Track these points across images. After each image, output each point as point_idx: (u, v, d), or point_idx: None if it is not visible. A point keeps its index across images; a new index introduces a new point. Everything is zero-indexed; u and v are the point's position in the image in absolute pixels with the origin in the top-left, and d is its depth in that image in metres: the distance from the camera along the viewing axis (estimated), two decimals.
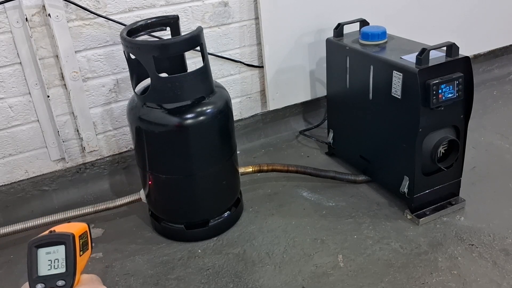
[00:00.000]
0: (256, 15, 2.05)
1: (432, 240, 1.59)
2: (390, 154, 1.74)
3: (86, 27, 1.75)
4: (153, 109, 1.50)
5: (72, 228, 0.53)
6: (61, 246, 0.49)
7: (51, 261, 0.48)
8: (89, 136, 1.89)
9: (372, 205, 1.78)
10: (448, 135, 1.61)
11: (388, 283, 1.43)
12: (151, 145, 1.55)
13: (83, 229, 0.52)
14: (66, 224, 0.54)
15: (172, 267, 1.56)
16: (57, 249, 0.49)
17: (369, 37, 1.77)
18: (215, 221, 1.68)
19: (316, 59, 2.18)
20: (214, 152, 1.60)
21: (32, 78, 1.72)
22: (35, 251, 0.49)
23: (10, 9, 1.61)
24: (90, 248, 0.54)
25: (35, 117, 1.79)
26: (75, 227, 0.53)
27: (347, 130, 1.97)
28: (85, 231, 0.53)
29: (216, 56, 2.04)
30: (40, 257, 0.49)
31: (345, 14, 2.01)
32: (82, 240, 0.51)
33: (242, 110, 2.22)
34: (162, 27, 1.64)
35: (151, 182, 1.62)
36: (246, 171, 1.84)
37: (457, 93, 1.53)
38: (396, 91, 1.59)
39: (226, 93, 1.63)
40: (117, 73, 1.87)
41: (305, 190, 1.90)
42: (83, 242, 0.51)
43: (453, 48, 1.53)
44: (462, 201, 1.73)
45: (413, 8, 2.30)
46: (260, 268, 1.53)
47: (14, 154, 1.81)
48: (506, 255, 1.50)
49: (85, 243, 0.51)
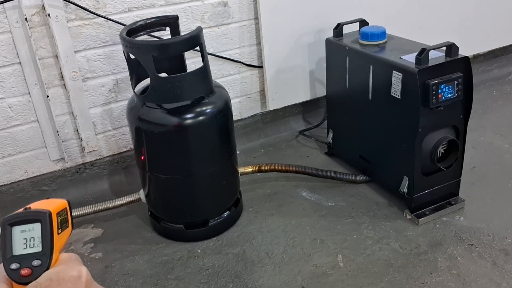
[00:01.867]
0: (256, 15, 2.05)
1: (432, 240, 1.59)
2: (390, 154, 1.74)
3: (86, 27, 1.75)
4: (153, 109, 1.50)
5: (49, 205, 0.49)
6: (37, 224, 0.46)
7: (26, 240, 0.46)
8: (88, 136, 1.89)
9: (371, 205, 1.78)
10: (447, 135, 1.61)
11: (387, 283, 1.43)
12: (150, 145, 1.55)
13: (62, 206, 0.49)
14: (43, 201, 0.51)
15: (172, 267, 1.56)
16: (33, 227, 0.46)
17: (368, 37, 1.77)
18: (215, 221, 1.68)
19: (315, 59, 2.18)
20: (214, 152, 1.60)
21: (32, 78, 1.72)
22: (9, 229, 0.46)
23: (9, 9, 1.61)
24: (71, 226, 0.50)
25: (35, 117, 1.79)
26: (53, 204, 0.50)
27: (347, 130, 1.97)
28: (64, 207, 0.50)
29: (215, 56, 2.04)
30: (14, 235, 0.46)
31: (344, 14, 2.01)
32: (61, 218, 0.48)
33: (242, 110, 2.22)
34: (162, 27, 1.64)
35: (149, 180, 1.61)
36: (246, 171, 1.84)
37: (457, 93, 1.53)
38: (395, 91, 1.59)
39: (226, 93, 1.63)
40: (116, 73, 1.87)
41: (304, 190, 1.90)
42: (62, 220, 0.48)
43: (452, 48, 1.53)
44: (461, 201, 1.73)
45: (412, 8, 2.30)
46: (260, 268, 1.53)
47: (13, 154, 1.81)
48: (505, 255, 1.50)
49: (64, 220, 0.48)
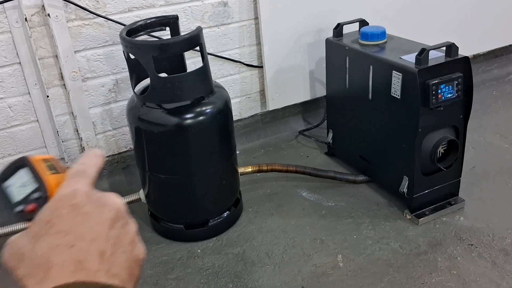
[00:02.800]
0: (256, 15, 2.05)
1: (432, 240, 1.59)
2: (390, 154, 1.74)
3: (86, 27, 1.75)
4: (153, 109, 1.50)
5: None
6: (22, 170, 0.48)
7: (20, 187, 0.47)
8: (88, 136, 1.89)
9: (371, 205, 1.78)
10: (447, 135, 1.61)
11: (387, 283, 1.43)
12: (150, 145, 1.55)
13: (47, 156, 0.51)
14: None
15: (172, 267, 1.56)
16: (20, 174, 0.48)
17: (368, 37, 1.77)
18: (215, 221, 1.68)
19: (315, 59, 2.18)
20: (214, 152, 1.60)
21: (32, 78, 1.72)
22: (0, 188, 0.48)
23: (9, 9, 1.61)
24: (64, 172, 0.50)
25: (35, 117, 1.79)
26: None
27: (347, 130, 1.97)
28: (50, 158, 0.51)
29: (215, 56, 2.04)
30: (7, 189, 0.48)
31: (344, 14, 2.01)
32: (48, 163, 0.49)
33: (242, 110, 2.22)
34: (162, 27, 1.64)
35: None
36: (246, 171, 1.84)
37: (457, 93, 1.53)
38: (395, 91, 1.59)
39: (226, 93, 1.63)
40: (116, 73, 1.87)
41: (304, 190, 1.90)
42: (49, 165, 0.49)
43: (452, 48, 1.53)
44: (461, 201, 1.73)
45: (412, 8, 2.30)
46: (260, 268, 1.53)
47: (13, 154, 1.81)
48: (505, 255, 1.50)
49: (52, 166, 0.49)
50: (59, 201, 0.43)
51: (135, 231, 0.45)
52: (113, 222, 0.43)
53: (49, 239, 0.40)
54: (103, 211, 0.43)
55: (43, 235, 0.41)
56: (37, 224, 0.42)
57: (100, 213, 0.43)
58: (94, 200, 0.44)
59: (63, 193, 0.44)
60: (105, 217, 0.43)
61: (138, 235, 0.45)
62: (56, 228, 0.41)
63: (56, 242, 0.40)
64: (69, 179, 0.47)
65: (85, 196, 0.44)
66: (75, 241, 0.40)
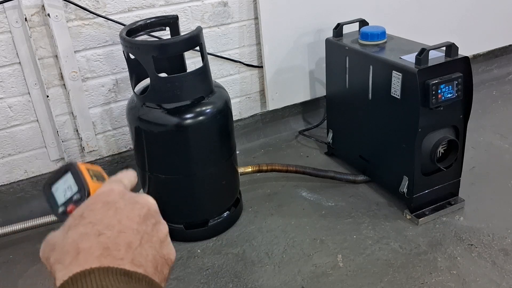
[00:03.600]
0: (256, 15, 2.05)
1: (432, 240, 1.59)
2: (390, 154, 1.74)
3: (86, 27, 1.75)
4: (153, 109, 1.50)
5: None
6: (67, 174, 0.53)
7: (64, 190, 0.52)
8: (88, 136, 1.89)
9: (371, 205, 1.78)
10: (447, 135, 1.61)
11: (387, 283, 1.43)
12: (150, 145, 1.55)
13: (94, 166, 0.56)
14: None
15: (172, 267, 1.56)
16: (66, 178, 0.52)
17: (368, 37, 1.77)
18: (215, 221, 1.68)
19: (315, 59, 2.18)
20: (214, 152, 1.60)
21: (32, 78, 1.72)
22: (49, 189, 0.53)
23: (9, 9, 1.61)
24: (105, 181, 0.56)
25: (35, 117, 1.79)
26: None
27: (347, 130, 1.97)
28: (98, 169, 0.56)
29: (215, 56, 2.04)
30: (54, 191, 0.53)
31: (344, 14, 2.01)
32: (93, 172, 0.54)
33: (242, 110, 2.22)
34: (162, 27, 1.64)
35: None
36: (246, 171, 1.84)
37: (457, 93, 1.53)
38: (395, 91, 1.59)
39: (226, 93, 1.63)
40: (116, 73, 1.87)
41: (304, 190, 1.90)
42: (95, 173, 0.54)
43: (452, 48, 1.53)
44: (461, 201, 1.73)
45: (412, 8, 2.30)
46: (260, 268, 1.53)
47: (13, 154, 1.81)
48: (505, 255, 1.50)
49: (98, 175, 0.54)
50: (95, 198, 0.46)
51: (166, 232, 0.47)
52: (144, 218, 0.45)
53: (79, 229, 0.42)
54: (134, 207, 0.45)
55: (75, 226, 0.43)
56: (71, 218, 0.44)
57: (131, 209, 0.45)
58: (127, 198, 0.46)
59: (100, 192, 0.47)
60: (136, 212, 0.45)
61: (168, 237, 0.48)
62: (88, 220, 0.43)
63: (86, 231, 0.42)
64: (107, 184, 0.50)
65: (119, 194, 0.47)
66: (103, 230, 0.42)
